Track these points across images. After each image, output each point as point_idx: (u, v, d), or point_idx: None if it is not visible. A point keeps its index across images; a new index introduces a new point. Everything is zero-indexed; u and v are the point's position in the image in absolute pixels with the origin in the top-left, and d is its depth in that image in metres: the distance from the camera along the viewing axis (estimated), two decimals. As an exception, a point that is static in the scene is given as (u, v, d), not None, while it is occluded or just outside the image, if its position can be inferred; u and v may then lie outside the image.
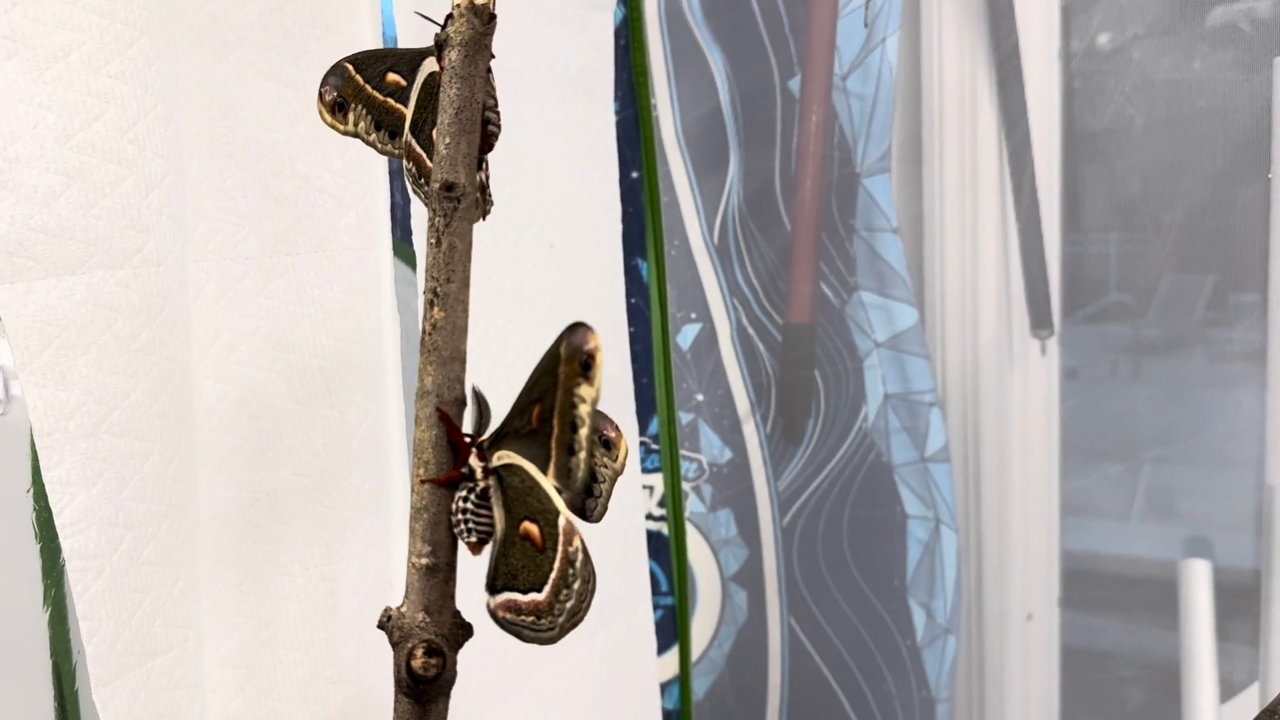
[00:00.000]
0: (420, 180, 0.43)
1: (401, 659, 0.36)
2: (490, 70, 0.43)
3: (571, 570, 0.35)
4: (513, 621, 0.36)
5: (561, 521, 0.35)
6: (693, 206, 1.07)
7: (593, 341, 0.34)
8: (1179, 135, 0.98)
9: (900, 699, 1.07)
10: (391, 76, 0.43)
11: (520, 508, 0.36)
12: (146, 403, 0.48)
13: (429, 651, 0.36)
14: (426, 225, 0.38)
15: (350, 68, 0.43)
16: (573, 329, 0.34)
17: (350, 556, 0.60)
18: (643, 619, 0.85)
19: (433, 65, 0.42)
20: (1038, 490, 1.07)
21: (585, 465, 0.35)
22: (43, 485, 0.45)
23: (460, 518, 0.37)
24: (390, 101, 0.43)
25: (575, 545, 0.35)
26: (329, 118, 0.43)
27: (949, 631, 1.05)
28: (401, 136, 0.43)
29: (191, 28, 0.52)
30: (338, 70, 0.43)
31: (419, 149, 0.42)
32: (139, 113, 0.47)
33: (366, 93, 0.43)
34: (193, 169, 0.52)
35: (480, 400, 0.37)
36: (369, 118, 0.43)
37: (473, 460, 0.37)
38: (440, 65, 0.38)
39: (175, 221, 0.49)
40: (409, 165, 0.43)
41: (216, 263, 0.53)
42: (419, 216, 0.63)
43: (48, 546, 0.51)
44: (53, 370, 0.44)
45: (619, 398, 0.83)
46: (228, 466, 0.54)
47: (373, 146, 0.44)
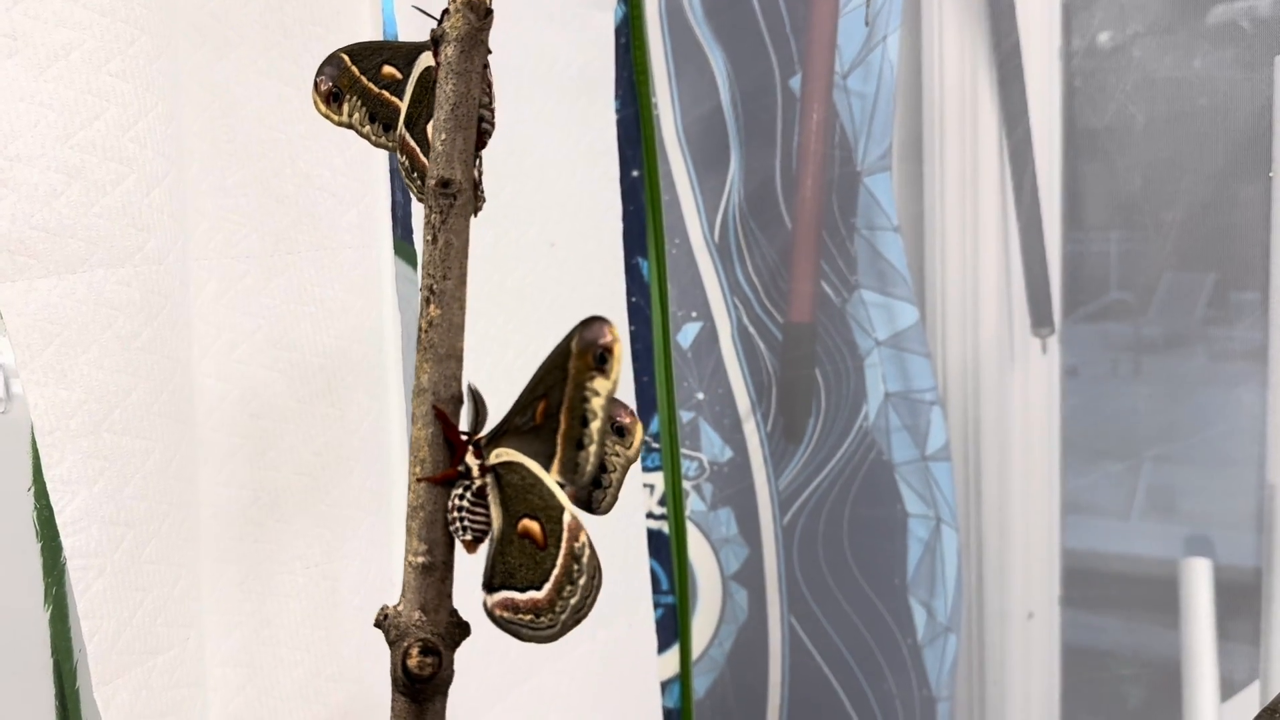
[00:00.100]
0: (413, 174, 0.42)
1: (397, 658, 0.36)
2: (488, 66, 0.42)
3: (577, 566, 0.35)
4: (510, 620, 0.36)
5: (566, 518, 0.35)
6: (693, 205, 1.07)
7: (610, 334, 0.34)
8: (1180, 133, 0.98)
9: (901, 698, 1.07)
10: (387, 69, 0.43)
11: (519, 505, 0.36)
12: (148, 401, 0.48)
13: (424, 650, 0.36)
14: (423, 222, 0.38)
15: (346, 58, 0.43)
16: (588, 323, 0.34)
17: (351, 555, 0.60)
18: (643, 617, 0.85)
19: (428, 59, 0.42)
20: (1038, 489, 1.07)
21: (595, 459, 0.35)
22: (44, 483, 0.45)
23: (455, 516, 0.36)
24: (385, 94, 0.43)
25: (581, 541, 0.35)
26: (323, 107, 0.43)
27: (950, 630, 1.05)
28: (396, 130, 0.43)
29: (192, 26, 0.52)
30: (334, 60, 0.43)
31: (413, 143, 0.42)
32: (140, 111, 0.47)
33: (362, 84, 0.43)
34: (194, 167, 0.52)
35: (477, 398, 0.37)
36: (363, 109, 0.43)
37: (469, 458, 0.36)
38: (436, 60, 0.38)
39: (176, 220, 0.49)
40: (402, 159, 0.43)
41: (217, 261, 0.53)
42: (420, 214, 0.63)
43: (49, 545, 0.51)
44: (54, 368, 0.44)
45: (620, 396, 0.82)
46: (229, 465, 0.54)
47: (366, 139, 0.43)
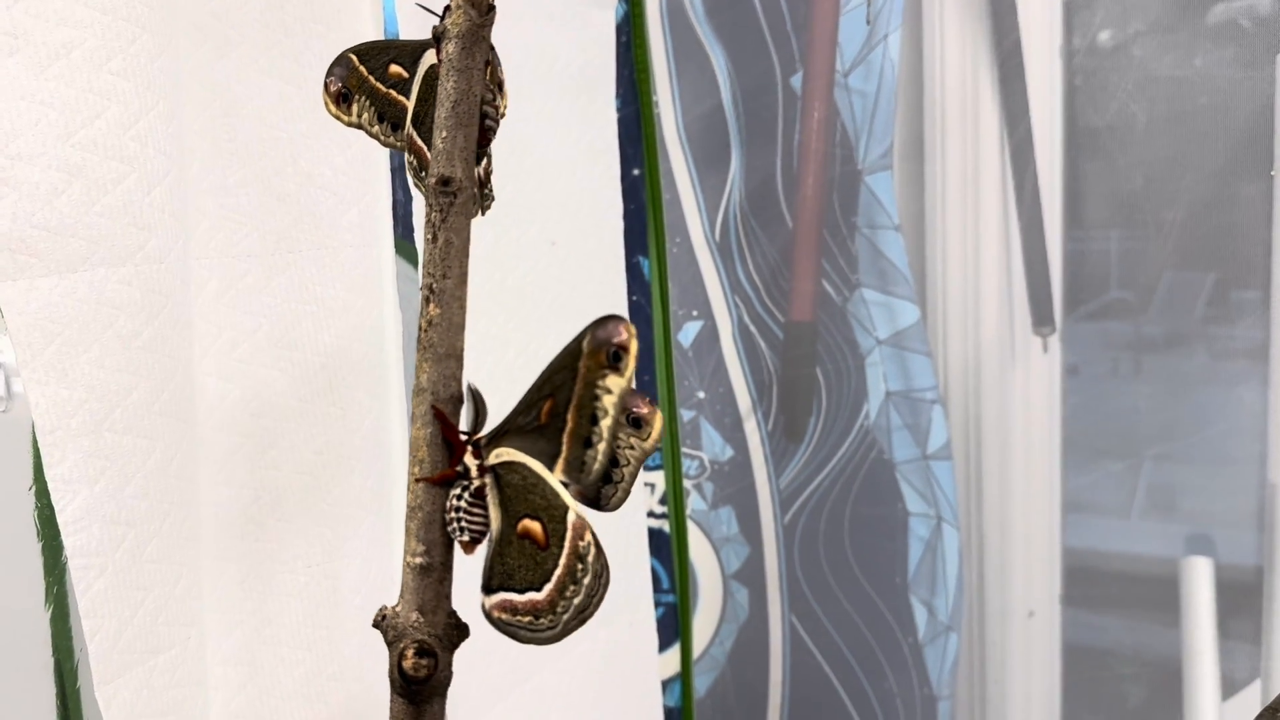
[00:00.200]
0: (422, 174, 0.42)
1: (394, 659, 0.36)
2: (498, 63, 0.42)
3: (581, 566, 0.35)
4: (508, 622, 0.36)
5: (571, 517, 0.35)
6: (694, 204, 1.07)
7: (625, 333, 0.34)
8: (1181, 132, 0.98)
9: (902, 696, 1.07)
10: (394, 68, 0.43)
11: (520, 505, 0.35)
12: (149, 400, 0.48)
13: (420, 652, 0.36)
14: (423, 220, 0.38)
15: (354, 58, 0.43)
16: (601, 322, 0.34)
17: (352, 554, 0.59)
18: (644, 616, 0.85)
19: (434, 57, 0.42)
20: (1039, 487, 1.07)
21: (604, 457, 0.35)
22: (45, 483, 0.45)
23: (453, 516, 0.36)
24: (393, 93, 0.43)
25: (586, 540, 0.35)
26: (334, 109, 0.43)
27: (950, 629, 1.05)
28: (404, 129, 0.43)
29: (193, 24, 0.52)
30: (342, 61, 0.43)
31: (420, 142, 0.42)
32: (141, 110, 0.47)
33: (370, 84, 0.43)
34: (194, 166, 0.52)
35: (476, 397, 0.37)
36: (372, 109, 0.43)
37: (467, 458, 0.36)
38: (439, 57, 0.38)
39: (177, 219, 0.49)
40: (410, 159, 0.43)
41: (218, 260, 0.53)
42: (421, 213, 0.63)
43: (49, 544, 0.51)
44: (55, 367, 0.44)
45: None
46: (230, 464, 0.54)
47: (376, 138, 0.43)
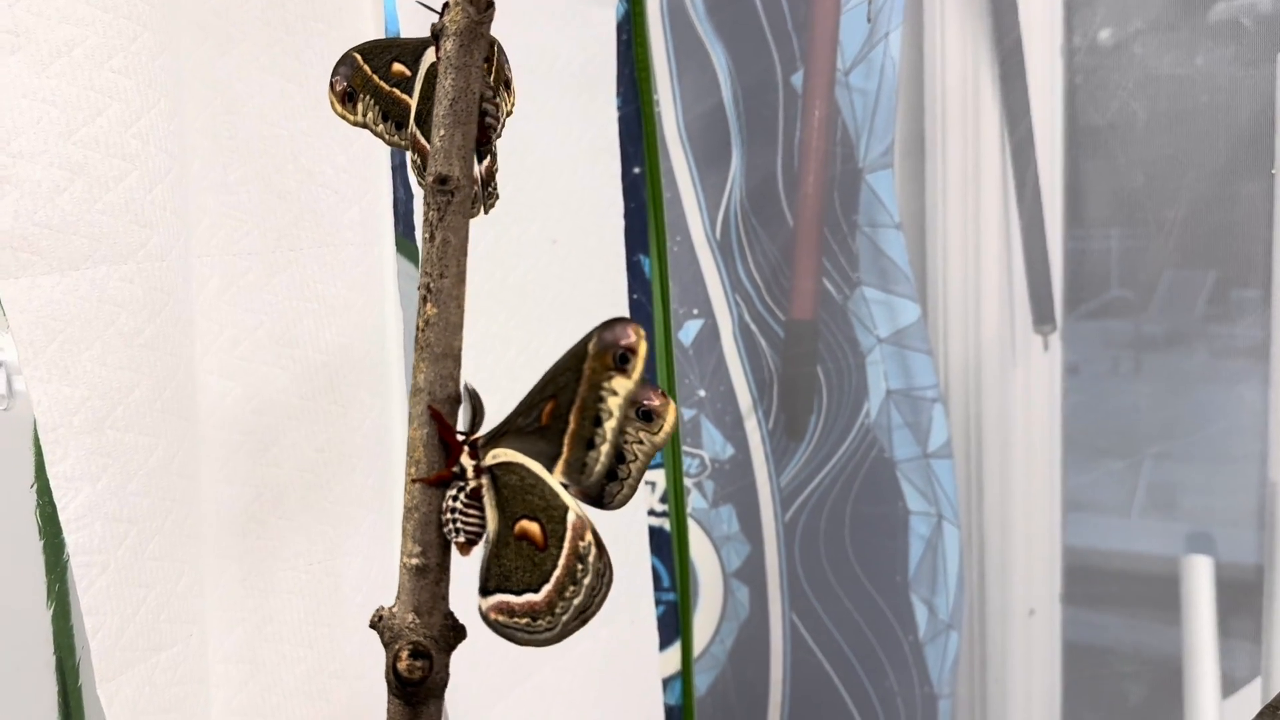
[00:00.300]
0: (425, 173, 0.42)
1: (390, 660, 0.36)
2: (507, 61, 0.42)
3: (581, 567, 0.34)
4: (505, 624, 0.35)
5: (571, 517, 0.35)
6: (695, 202, 1.07)
7: (633, 335, 0.33)
8: (1181, 131, 0.98)
9: (902, 695, 1.07)
10: (397, 66, 0.43)
11: (517, 506, 0.35)
12: (150, 398, 0.48)
13: (414, 654, 0.35)
14: (420, 220, 0.37)
15: (359, 57, 0.43)
16: (609, 324, 0.34)
17: (353, 552, 0.60)
18: (645, 615, 0.85)
19: (434, 55, 0.42)
20: (1040, 486, 1.07)
21: (606, 460, 0.35)
22: (47, 480, 0.45)
23: (449, 517, 0.36)
24: (396, 92, 0.43)
25: (587, 540, 0.34)
26: (339, 108, 0.43)
27: (951, 627, 1.05)
28: (407, 127, 0.43)
29: (194, 23, 0.52)
30: (347, 60, 0.43)
31: (423, 140, 0.42)
32: (142, 108, 0.47)
33: (374, 83, 0.43)
34: (196, 164, 0.52)
35: (474, 398, 0.36)
36: (376, 108, 0.43)
37: (464, 459, 0.36)
38: (437, 55, 0.38)
39: (179, 216, 0.49)
40: (414, 157, 0.43)
41: (220, 258, 0.53)
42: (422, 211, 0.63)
43: (51, 542, 0.51)
44: (57, 365, 0.44)
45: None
46: (231, 462, 0.54)
47: (380, 137, 0.43)
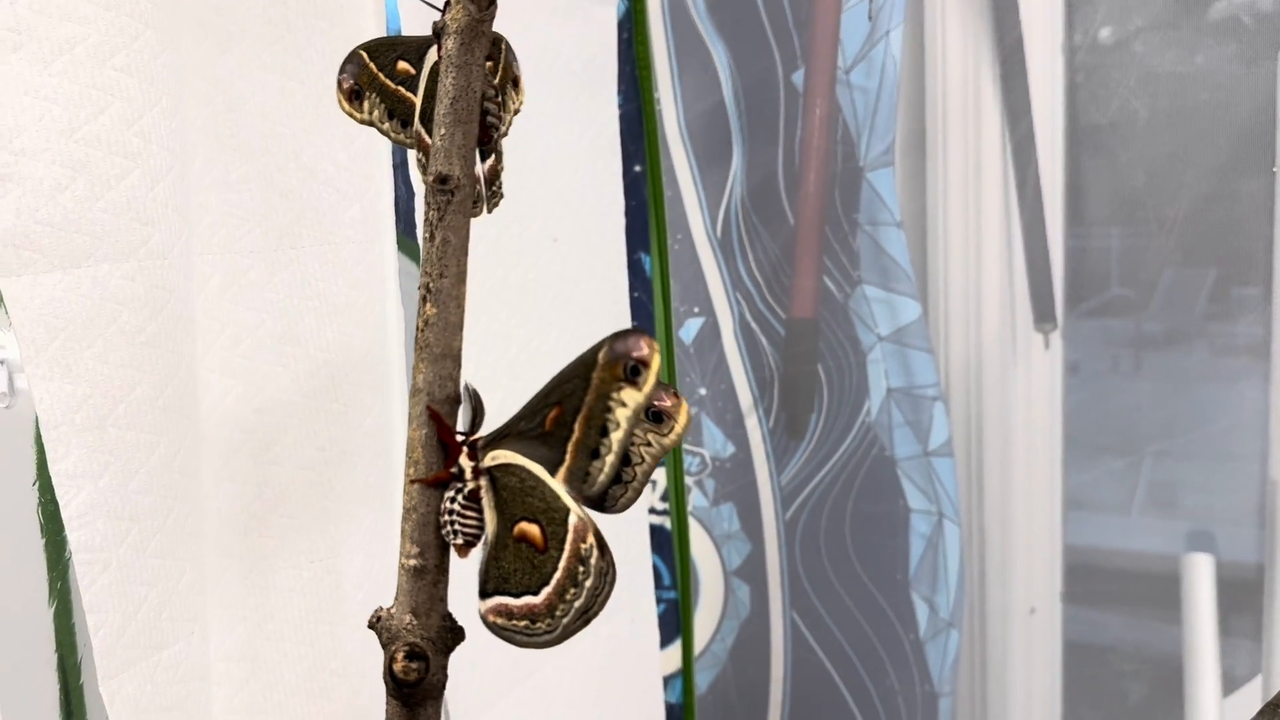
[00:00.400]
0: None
1: (386, 662, 0.35)
2: (515, 59, 0.42)
3: (583, 569, 0.34)
4: (504, 627, 0.35)
5: (572, 519, 0.34)
6: (696, 200, 1.07)
7: (646, 348, 0.33)
8: (1182, 129, 0.98)
9: (903, 693, 1.07)
10: (402, 65, 0.43)
11: (517, 508, 0.35)
12: (152, 396, 0.48)
13: (410, 655, 0.35)
14: (422, 218, 0.37)
15: (365, 55, 0.43)
16: (621, 335, 0.33)
17: (354, 550, 0.60)
18: (646, 613, 0.85)
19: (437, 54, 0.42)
20: (1040, 484, 1.07)
21: (610, 470, 0.34)
22: (49, 478, 0.45)
23: (447, 519, 0.35)
24: (401, 90, 0.43)
25: (589, 543, 0.34)
26: (347, 106, 0.43)
27: (951, 626, 1.05)
28: (412, 125, 0.43)
29: (196, 21, 0.52)
30: (354, 58, 0.43)
31: (428, 138, 0.42)
32: (144, 106, 0.47)
33: (380, 81, 0.43)
34: (197, 162, 0.52)
35: (474, 398, 0.36)
36: (382, 106, 0.43)
37: (463, 460, 0.36)
38: (439, 54, 0.38)
39: (180, 215, 0.49)
40: (419, 155, 0.43)
41: (221, 256, 0.53)
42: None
43: (53, 540, 0.51)
44: (59, 363, 0.44)
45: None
46: (233, 460, 0.54)
47: (386, 135, 0.44)
